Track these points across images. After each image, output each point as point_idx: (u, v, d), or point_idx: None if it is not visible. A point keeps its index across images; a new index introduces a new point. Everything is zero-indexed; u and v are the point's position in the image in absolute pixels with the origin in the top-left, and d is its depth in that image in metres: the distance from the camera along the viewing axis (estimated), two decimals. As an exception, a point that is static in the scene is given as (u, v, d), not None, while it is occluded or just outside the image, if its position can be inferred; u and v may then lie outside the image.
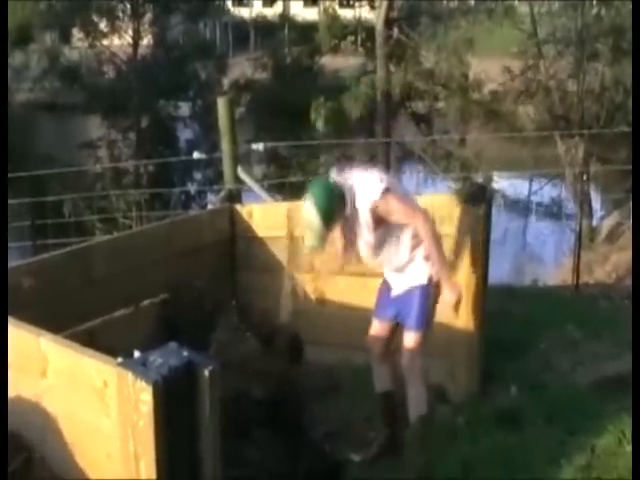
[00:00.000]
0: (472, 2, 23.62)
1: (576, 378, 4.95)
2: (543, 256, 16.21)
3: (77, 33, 25.91)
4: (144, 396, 2.33)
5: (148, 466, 2.39)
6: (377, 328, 4.05)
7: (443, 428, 4.33)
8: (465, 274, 4.53)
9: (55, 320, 3.39)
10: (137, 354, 2.47)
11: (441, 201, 4.73)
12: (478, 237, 4.53)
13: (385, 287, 4.06)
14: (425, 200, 4.95)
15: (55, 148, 23.60)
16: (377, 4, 20.23)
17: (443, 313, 4.04)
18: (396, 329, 4.02)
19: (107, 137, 23.26)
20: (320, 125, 18.51)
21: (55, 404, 2.83)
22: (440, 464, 4.04)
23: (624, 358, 5.00)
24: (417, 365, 3.90)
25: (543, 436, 4.31)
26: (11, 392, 2.91)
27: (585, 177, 15.37)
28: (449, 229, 4.54)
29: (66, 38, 26.90)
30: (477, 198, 4.49)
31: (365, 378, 4.22)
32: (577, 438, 4.23)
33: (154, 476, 2.38)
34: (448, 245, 4.49)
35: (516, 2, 22.22)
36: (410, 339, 3.91)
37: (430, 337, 4.01)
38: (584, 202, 15.02)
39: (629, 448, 3.99)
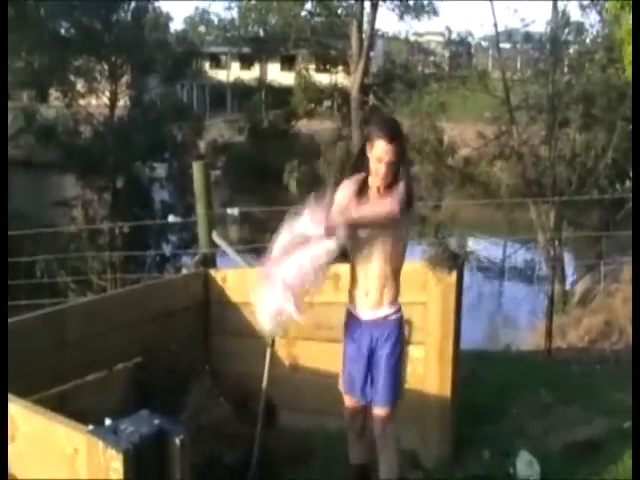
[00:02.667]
0: (446, 68, 24.19)
1: (548, 443, 4.97)
2: (517, 320, 16.32)
3: (54, 92, 26.09)
4: (115, 464, 2.34)
5: (118, 535, 2.38)
6: (351, 403, 3.97)
7: (415, 495, 4.33)
8: (437, 340, 4.58)
9: (26, 383, 3.38)
10: (108, 422, 2.48)
11: (414, 268, 4.80)
12: (450, 303, 4.60)
13: (350, 356, 3.94)
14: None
15: (29, 206, 23.52)
16: (352, 70, 20.65)
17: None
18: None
19: (82, 197, 23.28)
20: (293, 188, 18.72)
21: (24, 470, 2.81)
22: (413, 531, 4.03)
23: (595, 423, 5.06)
24: (389, 431, 3.88)
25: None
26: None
27: (557, 242, 15.61)
28: (422, 296, 4.60)
29: (43, 97, 27.09)
30: (449, 264, 4.56)
31: (338, 444, 4.23)
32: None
33: None
34: (421, 312, 4.56)
35: (489, 69, 22.80)
36: (381, 415, 3.86)
37: (402, 403, 4.02)
38: (557, 266, 15.23)
39: (600, 514, 4.02)
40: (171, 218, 10.21)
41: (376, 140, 3.68)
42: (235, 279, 5.47)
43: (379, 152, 3.67)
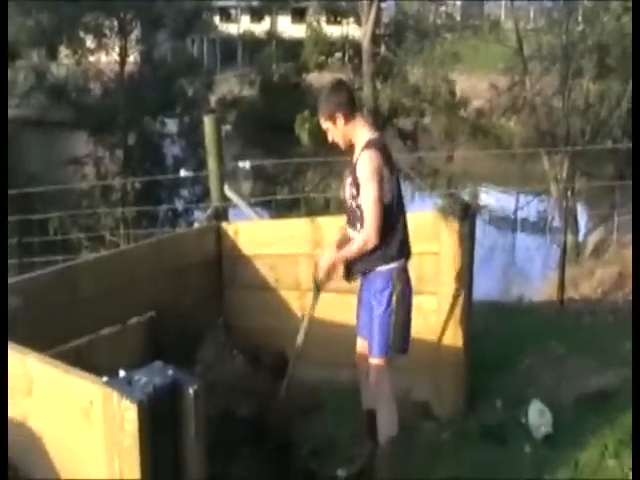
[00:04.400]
0: (458, 18, 23.83)
1: (560, 393, 4.99)
2: (530, 271, 16.30)
3: (64, 50, 25.91)
4: (129, 415, 2.36)
5: (134, 484, 2.41)
6: (361, 345, 4.08)
7: (428, 444, 4.37)
8: (450, 291, 4.58)
9: (41, 339, 3.41)
10: (122, 373, 2.50)
11: (425, 218, 4.78)
12: (462, 254, 4.58)
13: (359, 300, 4.06)
14: (410, 218, 5.01)
15: (42, 165, 23.56)
16: (363, 21, 20.37)
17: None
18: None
19: (94, 154, 23.26)
20: (304, 139, 18.59)
21: (40, 424, 2.85)
22: (425, 480, 4.08)
23: (607, 373, 5.07)
24: (384, 385, 3.91)
25: (527, 451, 4.37)
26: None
27: (570, 193, 15.51)
28: (434, 246, 4.59)
29: (53, 55, 26.92)
30: (461, 215, 4.54)
31: (350, 395, 4.26)
32: (561, 452, 4.28)
33: (140, 494, 2.40)
34: (433, 262, 4.54)
35: (502, 19, 22.45)
36: (373, 365, 3.92)
37: (416, 353, 4.04)
38: (570, 217, 15.15)
39: (612, 462, 4.04)
40: (183, 173, 10.20)
41: None
42: (247, 232, 5.47)
43: None
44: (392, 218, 3.87)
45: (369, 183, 3.77)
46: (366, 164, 3.79)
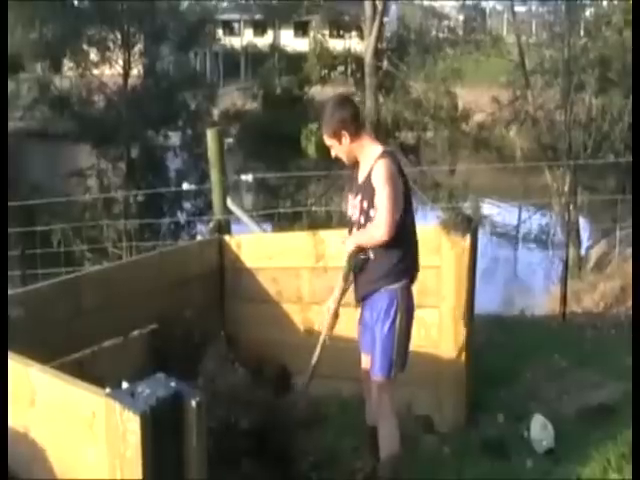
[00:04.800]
0: (460, 32, 23.91)
1: (562, 407, 4.99)
2: (532, 285, 16.28)
3: (68, 62, 26.02)
4: (132, 426, 2.37)
5: (136, 496, 2.42)
6: (365, 361, 4.05)
7: (430, 458, 4.37)
8: (451, 304, 4.59)
9: (44, 350, 3.42)
10: (125, 385, 2.51)
11: (427, 232, 4.79)
12: (464, 267, 4.60)
13: (361, 317, 4.05)
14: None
15: (45, 176, 23.59)
16: (366, 35, 20.45)
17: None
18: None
19: (97, 166, 23.31)
20: (311, 151, 18.61)
21: (43, 434, 2.86)
22: (427, 494, 4.07)
23: (609, 387, 5.07)
24: (386, 402, 3.89)
25: (529, 465, 4.36)
26: (-1, 422, 2.94)
27: (572, 206, 15.53)
28: (435, 260, 4.60)
29: (57, 67, 27.03)
30: (462, 228, 4.55)
31: (352, 409, 4.26)
32: (563, 467, 4.27)
33: (142, 506, 2.41)
34: (435, 276, 4.56)
35: (504, 33, 22.54)
36: (375, 384, 3.91)
37: (417, 366, 4.05)
38: (572, 231, 15.17)
39: (614, 476, 4.03)
40: (185, 186, 10.23)
41: None
42: (250, 245, 5.48)
43: None
44: (402, 234, 3.81)
45: (386, 187, 3.73)
46: (383, 171, 3.76)
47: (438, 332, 4.66)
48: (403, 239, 3.82)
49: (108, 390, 2.50)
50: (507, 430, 4.71)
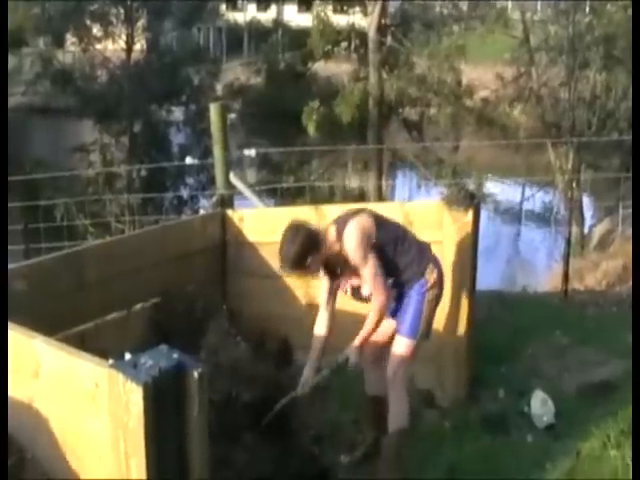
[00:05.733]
0: (464, 9, 23.71)
1: (563, 384, 5.01)
2: (534, 263, 16.30)
3: (70, 37, 25.88)
4: (134, 397, 2.37)
5: (138, 466, 2.43)
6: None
7: (430, 432, 4.39)
8: (453, 280, 4.59)
9: (47, 323, 3.42)
10: (128, 356, 2.51)
11: (429, 207, 4.79)
12: (466, 243, 4.59)
13: None
14: (414, 206, 5.03)
15: (48, 151, 23.58)
16: (370, 11, 20.30)
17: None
18: (389, 334, 4.06)
19: (100, 141, 23.24)
20: (311, 130, 18.56)
21: (47, 405, 2.87)
22: (427, 468, 4.10)
23: (610, 364, 5.09)
24: (400, 376, 3.94)
25: (529, 441, 4.39)
26: (3, 393, 2.95)
27: (576, 184, 15.48)
28: (438, 235, 4.60)
29: (59, 42, 26.88)
30: (464, 204, 4.54)
31: (352, 382, 4.28)
32: (563, 442, 4.30)
33: (144, 476, 2.42)
34: (436, 251, 4.55)
35: (509, 9, 22.35)
36: (399, 345, 3.96)
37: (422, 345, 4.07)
38: (575, 209, 15.14)
39: (613, 452, 4.06)
40: (188, 160, 10.19)
41: None
42: (252, 220, 5.49)
43: None
44: (406, 247, 3.98)
45: (364, 262, 3.82)
46: (352, 241, 3.82)
47: (440, 307, 4.65)
48: (407, 249, 3.98)
49: (111, 361, 2.51)
50: (508, 405, 4.74)
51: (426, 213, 4.72)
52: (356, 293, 4.07)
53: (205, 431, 2.51)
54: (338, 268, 3.97)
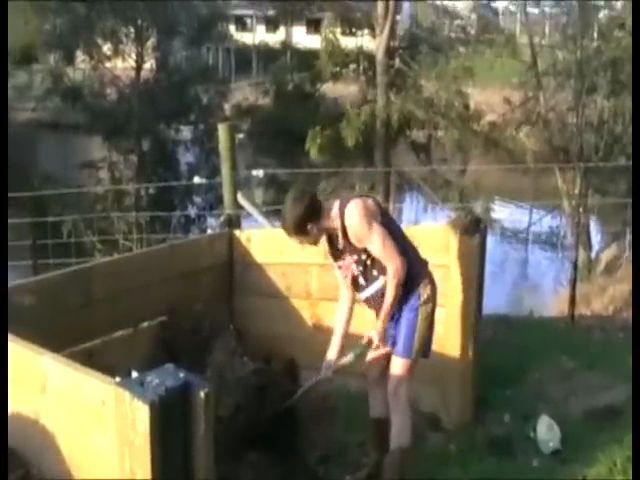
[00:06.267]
0: (472, 32, 23.84)
1: (569, 408, 4.99)
2: (541, 287, 16.25)
3: (81, 55, 26.08)
4: (141, 415, 2.39)
5: (144, 484, 2.44)
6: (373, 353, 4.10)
7: (435, 455, 4.38)
8: (459, 303, 4.60)
9: (54, 339, 3.44)
10: (135, 374, 2.53)
11: (436, 230, 4.81)
12: (472, 267, 4.60)
13: None
14: (420, 229, 5.05)
15: (56, 167, 23.69)
16: (378, 33, 20.42)
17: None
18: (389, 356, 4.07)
19: (108, 158, 23.35)
20: (314, 154, 18.63)
21: (53, 421, 2.88)
22: (432, 491, 4.09)
23: (616, 389, 5.07)
24: (402, 394, 3.94)
25: (535, 465, 4.37)
26: (10, 408, 2.96)
27: (583, 209, 15.47)
28: (444, 259, 4.61)
29: (70, 59, 27.09)
30: (471, 228, 4.56)
31: (360, 403, 4.28)
32: (569, 467, 4.28)
33: (149, 494, 2.43)
34: (443, 275, 4.56)
35: (517, 34, 22.46)
36: (395, 366, 3.96)
37: (423, 364, 4.06)
38: (582, 234, 15.12)
39: (620, 478, 4.04)
40: (196, 179, 10.26)
41: None
42: (259, 240, 5.50)
43: None
44: (408, 246, 3.99)
45: (370, 232, 3.81)
46: (354, 215, 3.83)
47: (445, 330, 4.66)
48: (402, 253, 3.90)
49: (118, 379, 2.53)
50: (513, 429, 4.72)
51: (433, 237, 4.73)
52: (355, 283, 4.04)
53: (211, 450, 2.52)
54: (339, 246, 3.96)
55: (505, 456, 4.41)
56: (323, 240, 4.03)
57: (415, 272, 3.95)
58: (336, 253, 4.02)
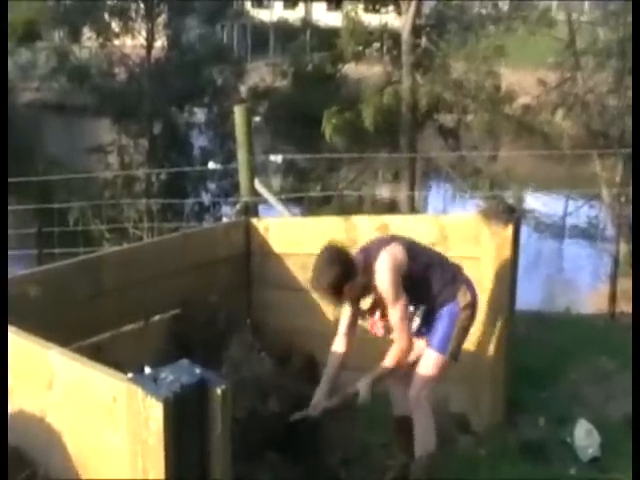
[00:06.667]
0: (505, 9, 23.62)
1: (608, 412, 4.96)
2: (578, 282, 16.18)
3: (87, 32, 26.12)
4: (155, 413, 2.39)
5: (157, 485, 2.45)
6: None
7: (465, 459, 4.36)
8: (491, 298, 4.57)
9: (61, 332, 3.46)
10: (148, 370, 2.53)
11: (466, 221, 4.78)
12: (505, 259, 4.58)
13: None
14: (449, 219, 5.02)
15: (63, 152, 23.80)
16: (403, 10, 20.30)
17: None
18: (417, 354, 4.06)
19: (117, 142, 23.40)
20: (328, 134, 18.52)
21: (61, 419, 2.89)
22: (460, 497, 4.08)
23: (659, 392, 5.02)
24: (424, 397, 3.95)
25: (572, 473, 4.35)
26: (14, 405, 2.98)
27: (624, 198, 15.33)
28: (475, 250, 4.58)
29: (75, 37, 27.14)
30: (504, 218, 4.53)
31: (384, 402, 4.27)
32: (609, 476, 4.25)
33: (163, 495, 2.43)
34: (473, 268, 4.54)
35: (553, 9, 22.25)
36: (427, 359, 3.98)
37: (453, 365, 4.05)
38: (623, 225, 14.99)
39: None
40: (211, 165, 10.25)
41: None
42: (278, 229, 5.50)
43: None
44: (438, 273, 4.04)
45: (395, 302, 3.87)
46: (384, 278, 3.86)
47: (476, 326, 4.64)
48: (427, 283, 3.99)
49: (130, 375, 2.53)
50: (548, 434, 4.70)
51: (462, 227, 4.71)
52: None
53: (228, 450, 2.52)
54: (361, 298, 4.00)
55: (539, 462, 4.39)
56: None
57: (450, 290, 4.02)
58: (356, 305, 4.07)
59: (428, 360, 3.97)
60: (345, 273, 3.81)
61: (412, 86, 19.51)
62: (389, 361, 3.93)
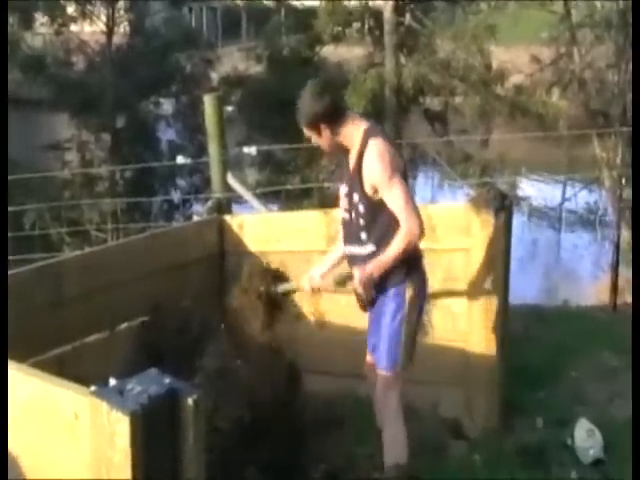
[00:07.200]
0: (494, -19, 23.70)
1: (612, 411, 5.01)
2: (577, 272, 16.27)
3: (41, 17, 25.93)
4: (120, 428, 2.39)
5: (125, 507, 2.45)
6: (369, 357, 4.14)
7: (458, 466, 4.40)
8: (482, 292, 4.61)
9: (19, 346, 3.45)
10: (113, 382, 2.53)
11: (454, 210, 4.82)
12: (497, 250, 4.61)
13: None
14: (437, 209, 5.06)
15: (17, 150, 23.60)
16: (385, -15, 20.35)
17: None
18: None
19: (77, 138, 23.29)
20: None
21: (17, 439, 2.89)
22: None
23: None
24: (391, 406, 3.95)
25: (573, 477, 4.39)
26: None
27: (626, 181, 15.42)
28: (465, 242, 4.62)
29: (27, 23, 26.95)
30: (495, 205, 4.56)
31: (369, 410, 4.30)
32: (612, 480, 4.30)
33: (131, 518, 2.44)
34: (463, 260, 4.58)
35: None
36: (380, 379, 3.98)
37: (444, 363, 4.08)
38: (625, 210, 15.07)
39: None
40: (180, 159, 10.21)
41: None
42: (253, 226, 5.53)
43: None
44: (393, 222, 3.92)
45: (391, 182, 3.82)
46: (379, 156, 3.83)
47: (467, 324, 4.68)
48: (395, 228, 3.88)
49: (93, 388, 2.53)
50: (547, 436, 4.74)
51: (451, 217, 4.75)
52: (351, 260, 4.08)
53: (202, 464, 2.53)
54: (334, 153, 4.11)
55: (538, 467, 4.44)
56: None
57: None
58: (343, 176, 4.10)
59: (382, 381, 3.97)
60: (327, 112, 3.93)
61: (396, 68, 19.55)
62: (396, 246, 3.82)
